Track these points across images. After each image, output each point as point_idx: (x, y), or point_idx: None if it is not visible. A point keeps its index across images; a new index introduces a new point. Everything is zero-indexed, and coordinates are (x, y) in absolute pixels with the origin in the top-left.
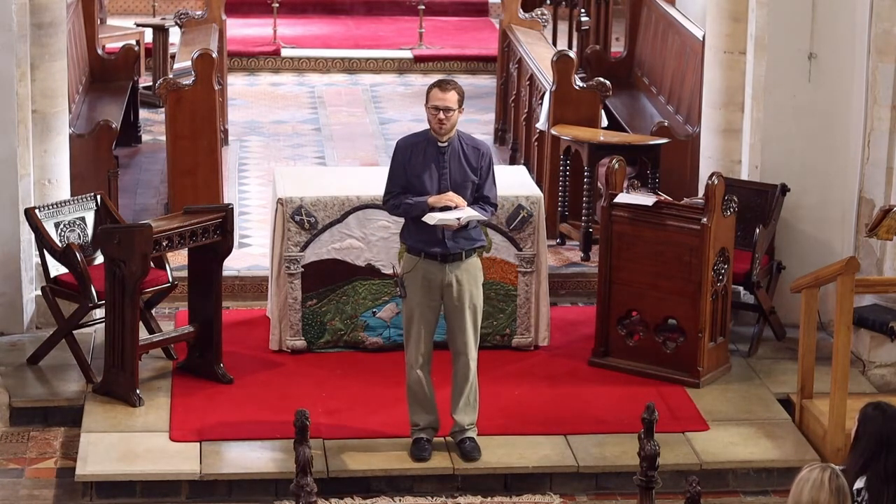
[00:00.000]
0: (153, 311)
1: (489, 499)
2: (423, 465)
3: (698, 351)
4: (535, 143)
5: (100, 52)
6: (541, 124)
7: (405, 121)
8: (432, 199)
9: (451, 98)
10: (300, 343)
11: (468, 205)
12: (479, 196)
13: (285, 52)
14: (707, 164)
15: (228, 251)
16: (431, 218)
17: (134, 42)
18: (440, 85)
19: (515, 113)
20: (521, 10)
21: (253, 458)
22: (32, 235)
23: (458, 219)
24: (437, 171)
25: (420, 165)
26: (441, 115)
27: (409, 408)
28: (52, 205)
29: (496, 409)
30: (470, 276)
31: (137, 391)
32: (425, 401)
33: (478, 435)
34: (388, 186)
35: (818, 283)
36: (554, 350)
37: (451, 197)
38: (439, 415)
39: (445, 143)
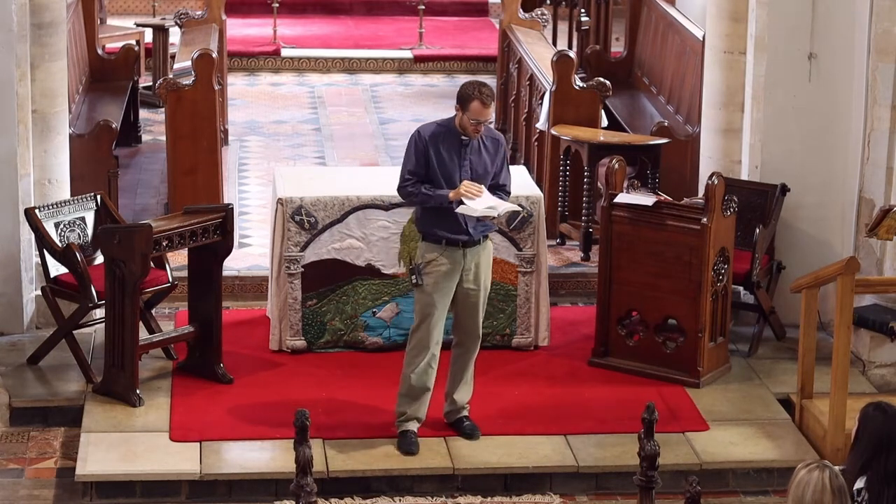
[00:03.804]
0: (153, 311)
1: (489, 499)
2: (423, 465)
3: (698, 351)
4: (535, 143)
5: (100, 52)
6: (541, 124)
7: (405, 121)
8: (452, 194)
9: (492, 111)
10: (300, 343)
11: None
12: (496, 185)
13: (285, 52)
14: (707, 164)
15: (228, 251)
16: (474, 210)
17: (134, 42)
18: (482, 99)
19: (515, 113)
20: (521, 10)
21: (253, 458)
22: (32, 235)
23: (496, 212)
24: (458, 163)
25: (444, 156)
26: (481, 127)
27: (401, 398)
28: (52, 205)
29: (496, 409)
30: (485, 260)
31: (137, 391)
32: (424, 392)
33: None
34: (405, 172)
35: (818, 283)
36: (554, 350)
37: (471, 188)
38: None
39: (467, 138)
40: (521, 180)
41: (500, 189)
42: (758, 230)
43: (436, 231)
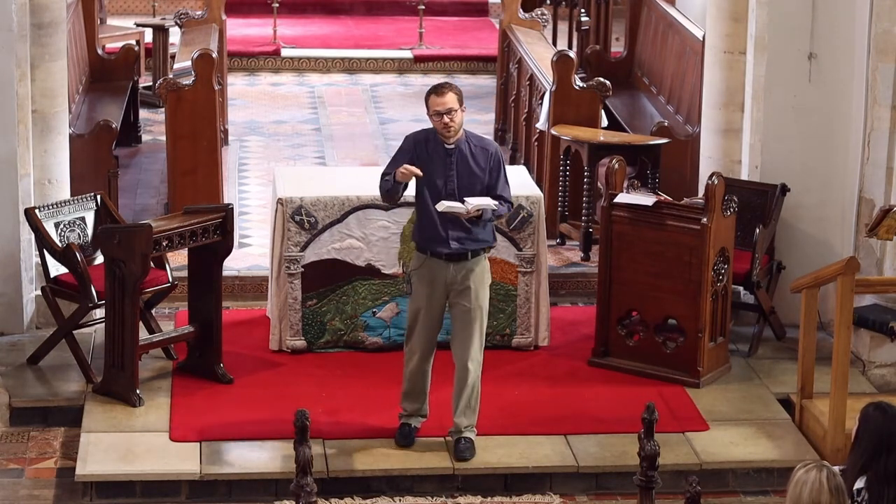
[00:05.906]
0: (153, 311)
1: (489, 499)
2: (423, 465)
3: (698, 351)
4: (535, 143)
5: (100, 52)
6: (541, 124)
7: (405, 121)
8: (399, 174)
9: (451, 99)
10: (300, 343)
11: None
12: (493, 196)
13: (285, 52)
14: (707, 164)
15: (228, 251)
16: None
17: (134, 42)
18: (436, 91)
19: (515, 113)
20: (521, 10)
21: (253, 458)
22: (32, 235)
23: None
24: (444, 173)
25: (427, 164)
26: (445, 119)
27: (402, 395)
28: (52, 205)
29: (496, 409)
30: (476, 277)
31: (137, 391)
32: (419, 391)
33: (477, 436)
34: (386, 169)
35: (818, 283)
36: (554, 350)
37: (409, 168)
38: (429, 405)
39: (452, 146)
40: (521, 180)
41: (498, 200)
42: (758, 230)
43: (420, 241)
